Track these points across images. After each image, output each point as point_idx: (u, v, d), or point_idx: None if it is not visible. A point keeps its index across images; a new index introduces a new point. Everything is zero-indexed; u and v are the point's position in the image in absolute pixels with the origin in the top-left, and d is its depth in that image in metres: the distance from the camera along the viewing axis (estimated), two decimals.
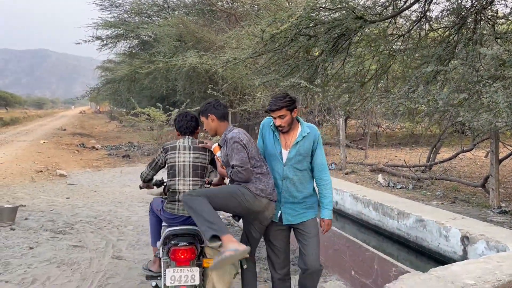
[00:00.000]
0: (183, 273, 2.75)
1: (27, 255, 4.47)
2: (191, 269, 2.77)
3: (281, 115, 2.90)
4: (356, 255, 3.68)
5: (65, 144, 16.97)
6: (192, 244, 2.86)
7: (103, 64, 36.89)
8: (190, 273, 2.76)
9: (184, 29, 17.12)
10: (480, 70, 5.73)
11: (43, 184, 8.71)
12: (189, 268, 2.77)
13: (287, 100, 2.95)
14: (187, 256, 2.80)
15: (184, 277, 2.75)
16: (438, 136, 12.40)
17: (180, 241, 2.86)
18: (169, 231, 2.90)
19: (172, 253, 2.80)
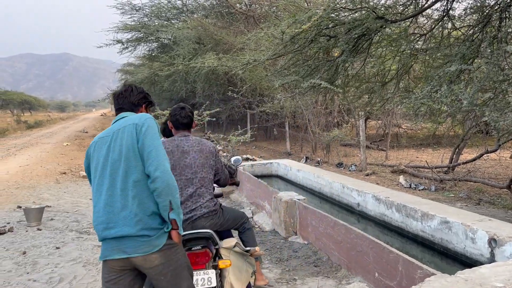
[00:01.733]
0: (200, 276, 2.73)
1: (54, 255, 4.57)
2: (207, 271, 2.75)
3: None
4: (379, 257, 3.64)
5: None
6: (206, 247, 2.82)
7: (123, 67, 37.52)
8: (207, 275, 2.74)
9: (203, 32, 17.28)
10: (506, 69, 5.63)
11: (67, 186, 8.88)
12: (205, 271, 2.75)
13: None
14: (202, 259, 2.77)
15: (201, 280, 2.73)
16: (461, 137, 12.17)
17: (193, 245, 2.80)
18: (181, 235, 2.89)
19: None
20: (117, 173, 2.14)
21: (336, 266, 4.47)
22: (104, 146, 2.22)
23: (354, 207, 5.78)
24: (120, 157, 2.14)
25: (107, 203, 2.12)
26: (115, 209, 2.11)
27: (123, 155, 2.14)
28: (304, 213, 5.28)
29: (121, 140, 2.16)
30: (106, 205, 2.12)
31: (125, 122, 2.21)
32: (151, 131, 2.17)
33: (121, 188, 2.12)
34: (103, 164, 2.18)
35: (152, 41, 21.09)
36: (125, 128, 2.18)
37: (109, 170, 2.15)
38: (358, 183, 6.19)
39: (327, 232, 4.66)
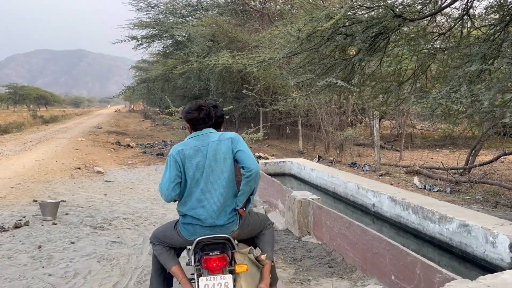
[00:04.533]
0: (217, 281, 2.71)
1: (68, 249, 4.60)
2: (224, 276, 2.73)
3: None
4: (396, 260, 3.58)
5: (101, 142, 17.40)
6: (224, 252, 2.79)
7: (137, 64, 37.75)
8: (224, 280, 2.72)
9: (217, 29, 17.27)
10: None
11: (82, 181, 8.94)
12: (222, 275, 2.73)
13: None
14: (219, 264, 2.74)
15: (218, 285, 2.71)
16: (478, 138, 11.97)
17: (211, 250, 2.78)
18: (199, 239, 2.80)
19: (204, 262, 2.74)
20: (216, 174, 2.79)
21: (351, 267, 4.41)
22: (197, 155, 2.78)
23: (369, 208, 5.71)
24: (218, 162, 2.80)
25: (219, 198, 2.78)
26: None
27: (222, 159, 2.80)
28: (318, 213, 5.23)
29: (219, 149, 2.80)
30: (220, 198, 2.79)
31: (219, 136, 2.85)
32: (242, 141, 2.90)
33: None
34: (204, 171, 2.77)
35: (167, 38, 21.14)
36: (221, 142, 2.82)
37: (212, 173, 2.77)
38: (374, 183, 6.12)
39: (342, 232, 4.61)
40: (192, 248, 2.81)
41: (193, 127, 2.89)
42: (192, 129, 2.91)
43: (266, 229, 3.20)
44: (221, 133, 2.88)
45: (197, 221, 2.77)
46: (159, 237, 3.03)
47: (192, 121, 2.86)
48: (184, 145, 2.82)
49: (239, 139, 2.90)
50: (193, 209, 2.76)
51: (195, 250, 2.83)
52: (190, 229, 2.81)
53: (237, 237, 2.96)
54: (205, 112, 2.85)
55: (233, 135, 2.88)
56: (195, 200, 2.76)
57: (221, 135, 2.85)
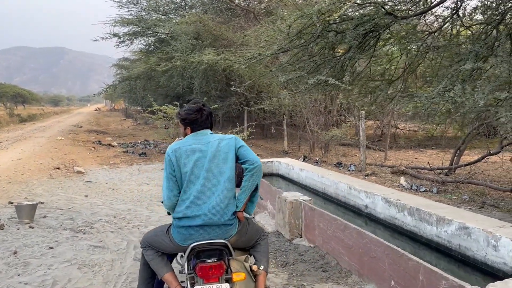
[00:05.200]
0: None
1: (47, 255, 4.30)
2: (220, 285, 2.55)
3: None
4: (396, 264, 3.42)
5: (82, 141, 16.95)
6: (221, 259, 2.61)
7: (119, 62, 37.14)
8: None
9: (201, 27, 16.97)
10: None
11: (61, 181, 8.59)
12: (218, 284, 2.56)
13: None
14: (216, 272, 2.57)
15: None
16: (463, 138, 12.01)
17: (207, 256, 2.59)
18: (194, 245, 2.60)
19: (199, 270, 2.55)
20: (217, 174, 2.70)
21: (346, 271, 4.24)
22: (196, 153, 2.70)
23: (362, 209, 5.56)
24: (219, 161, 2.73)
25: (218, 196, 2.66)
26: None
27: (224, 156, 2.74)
28: (310, 214, 5.04)
29: (220, 147, 2.74)
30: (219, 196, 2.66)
31: (221, 137, 2.82)
32: (242, 141, 2.88)
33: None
34: (204, 168, 2.68)
35: (150, 35, 20.77)
36: (222, 141, 2.77)
37: (213, 172, 2.68)
38: (366, 184, 5.97)
39: (336, 235, 4.43)
40: (186, 255, 2.61)
41: (192, 129, 2.82)
42: (191, 131, 2.83)
43: (261, 240, 3.03)
44: (221, 134, 2.88)
45: (194, 221, 2.59)
46: (150, 241, 2.85)
47: (193, 123, 2.81)
48: (182, 143, 2.75)
49: (239, 139, 2.90)
50: (192, 207, 2.60)
51: (189, 256, 2.63)
52: (185, 232, 2.63)
53: (233, 244, 2.73)
54: (206, 114, 2.85)
55: (233, 135, 2.88)
56: (194, 197, 2.62)
57: (221, 135, 2.85)
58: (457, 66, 5.77)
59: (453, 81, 5.67)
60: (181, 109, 2.94)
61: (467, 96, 5.07)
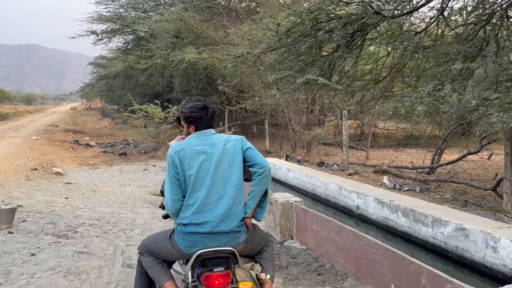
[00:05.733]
0: None
1: (29, 263, 4.07)
2: None
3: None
4: (397, 267, 3.34)
5: (58, 141, 16.47)
6: (229, 268, 2.47)
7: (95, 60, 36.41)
8: None
9: (182, 25, 16.71)
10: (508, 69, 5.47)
11: (39, 183, 8.26)
12: None
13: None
14: (223, 281, 2.42)
15: None
16: (444, 138, 12.15)
17: (215, 265, 2.44)
18: (200, 253, 2.46)
19: (205, 279, 2.41)
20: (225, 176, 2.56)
21: (342, 274, 4.16)
22: (201, 155, 2.54)
23: (353, 210, 5.49)
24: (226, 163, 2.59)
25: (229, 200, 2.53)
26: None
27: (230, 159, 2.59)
28: (302, 216, 4.95)
29: (226, 149, 2.60)
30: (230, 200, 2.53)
31: (227, 137, 2.68)
32: (249, 143, 2.73)
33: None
34: (210, 172, 2.52)
35: (128, 33, 20.36)
36: (228, 142, 2.63)
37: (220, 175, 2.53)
38: (357, 184, 5.91)
39: (331, 237, 4.35)
40: (190, 263, 2.47)
41: (196, 127, 2.68)
42: (196, 129, 2.69)
43: (267, 246, 2.87)
44: (226, 135, 2.73)
45: (201, 228, 2.45)
46: (150, 247, 2.69)
47: (197, 121, 2.67)
48: (185, 144, 2.59)
49: (246, 140, 2.75)
50: (198, 213, 2.46)
51: (193, 264, 2.48)
52: (191, 239, 2.47)
53: (240, 252, 2.60)
54: (211, 112, 2.74)
55: (239, 136, 2.75)
56: (201, 203, 2.46)
57: (226, 135, 2.71)
58: (446, 66, 5.77)
59: (443, 80, 5.66)
60: (184, 107, 2.80)
61: (458, 96, 5.06)
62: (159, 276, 2.63)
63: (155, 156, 12.91)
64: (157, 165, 11.23)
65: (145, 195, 7.63)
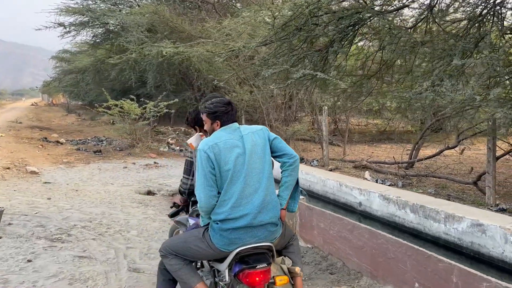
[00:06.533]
0: None
1: (27, 270, 3.77)
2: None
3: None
4: (422, 266, 3.28)
5: (26, 138, 15.71)
6: (270, 264, 2.41)
7: (58, 54, 34.95)
8: None
9: (157, 18, 16.26)
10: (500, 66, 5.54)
11: (16, 183, 7.79)
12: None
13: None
14: (264, 278, 2.37)
15: None
16: (422, 133, 12.37)
17: (257, 261, 2.38)
18: (241, 250, 2.41)
19: (246, 276, 2.35)
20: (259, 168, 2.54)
21: (355, 273, 4.08)
22: (235, 149, 2.51)
23: (355, 207, 5.44)
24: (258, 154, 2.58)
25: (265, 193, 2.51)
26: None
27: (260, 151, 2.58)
28: (307, 214, 4.84)
29: (254, 141, 2.58)
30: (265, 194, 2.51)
31: (252, 128, 2.69)
32: (272, 133, 2.73)
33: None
34: (245, 165, 2.50)
35: (98, 26, 19.64)
36: (254, 134, 2.62)
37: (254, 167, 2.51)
38: (356, 180, 5.86)
39: (342, 236, 4.26)
40: (228, 261, 2.44)
41: (222, 122, 2.65)
42: (221, 125, 2.65)
43: (293, 240, 2.84)
44: (249, 126, 2.73)
45: (239, 222, 2.42)
46: (177, 249, 2.61)
47: (223, 116, 2.65)
48: (216, 138, 2.55)
49: (268, 130, 2.76)
50: (236, 207, 2.43)
51: (230, 262, 2.44)
52: (230, 236, 2.43)
53: (275, 247, 2.56)
54: (234, 107, 2.74)
55: (262, 126, 2.75)
56: (238, 197, 2.44)
57: (250, 127, 2.71)
58: (443, 62, 5.80)
59: (441, 76, 5.68)
60: (206, 103, 2.74)
61: (460, 91, 5.08)
62: (189, 278, 2.56)
63: (132, 154, 12.51)
64: (136, 162, 10.87)
65: (132, 194, 7.33)
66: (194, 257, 2.62)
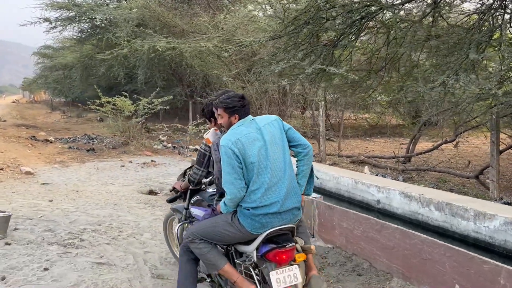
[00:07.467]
0: (286, 273, 2.64)
1: (45, 279, 3.54)
2: (291, 268, 2.67)
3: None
4: (464, 267, 3.18)
5: (13, 137, 15.26)
6: (295, 243, 2.73)
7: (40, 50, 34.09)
8: (292, 271, 2.66)
9: (147, 13, 15.92)
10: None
11: (13, 184, 7.48)
12: (289, 267, 2.67)
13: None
14: (290, 255, 2.67)
15: (288, 277, 2.64)
16: (419, 127, 12.38)
17: (285, 241, 2.67)
18: (270, 231, 2.67)
19: (276, 255, 2.63)
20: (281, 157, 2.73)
21: (385, 274, 3.97)
22: (256, 142, 2.67)
23: (373, 205, 5.33)
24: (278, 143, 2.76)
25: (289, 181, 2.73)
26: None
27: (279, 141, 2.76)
28: (327, 213, 4.71)
29: (272, 132, 2.74)
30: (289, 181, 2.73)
31: (267, 119, 2.81)
32: (285, 123, 2.90)
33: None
34: (268, 156, 2.67)
35: (84, 21, 19.15)
36: (270, 125, 2.77)
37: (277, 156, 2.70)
38: (372, 178, 5.75)
39: (368, 236, 4.14)
40: (258, 242, 2.68)
41: (239, 116, 2.80)
42: (239, 118, 2.80)
43: (301, 221, 3.08)
44: (263, 117, 2.88)
45: (270, 208, 2.64)
46: (205, 234, 2.81)
47: (240, 110, 2.79)
48: (237, 134, 2.70)
49: (281, 120, 2.91)
50: (266, 195, 2.64)
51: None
52: (262, 220, 2.65)
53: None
54: (247, 100, 2.88)
55: (275, 116, 2.90)
56: (267, 187, 2.64)
57: (264, 118, 2.85)
58: (458, 55, 5.71)
59: (456, 70, 5.59)
60: (221, 98, 2.86)
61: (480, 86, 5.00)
62: (217, 260, 2.77)
63: (127, 152, 12.22)
64: (133, 161, 10.60)
65: (135, 194, 7.12)
66: (222, 241, 2.80)
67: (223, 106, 2.79)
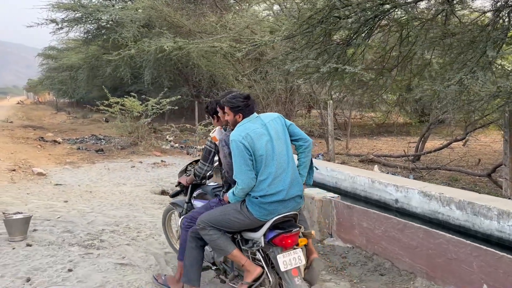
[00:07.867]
0: (291, 256, 2.86)
1: (70, 280, 3.55)
2: (296, 251, 2.90)
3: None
4: (492, 267, 3.16)
5: (21, 138, 15.32)
6: (299, 228, 2.95)
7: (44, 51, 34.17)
8: (297, 254, 2.89)
9: (154, 13, 15.92)
10: None
11: (27, 186, 7.50)
12: (294, 250, 2.89)
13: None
14: (295, 239, 2.89)
15: (293, 259, 2.86)
16: (428, 125, 12.33)
17: (291, 226, 2.92)
18: (277, 218, 2.91)
19: (282, 239, 2.85)
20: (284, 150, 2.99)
21: (407, 274, 3.95)
22: (263, 136, 2.92)
23: (390, 204, 5.31)
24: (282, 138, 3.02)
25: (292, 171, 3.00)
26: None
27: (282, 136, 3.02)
28: (346, 213, 4.70)
29: (276, 128, 3.00)
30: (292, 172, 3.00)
31: (270, 116, 3.09)
32: (286, 119, 3.16)
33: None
34: (274, 149, 2.92)
35: (91, 22, 19.18)
36: (272, 121, 3.03)
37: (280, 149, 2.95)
38: (389, 177, 5.74)
39: (390, 235, 4.12)
40: (266, 227, 2.89)
41: (244, 115, 3.01)
42: (243, 117, 3.01)
43: (301, 210, 3.26)
44: (267, 114, 3.14)
45: (276, 196, 2.87)
46: (216, 221, 2.99)
47: (245, 109, 3.00)
48: (246, 129, 2.93)
49: (282, 117, 3.16)
50: (272, 185, 2.87)
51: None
52: (269, 208, 2.88)
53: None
54: (252, 100, 3.10)
55: (277, 114, 3.17)
56: (273, 177, 2.87)
57: (268, 115, 3.12)
58: (475, 53, 5.68)
59: (472, 68, 5.56)
60: (226, 97, 3.05)
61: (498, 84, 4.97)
62: (227, 245, 2.96)
63: (136, 152, 12.23)
64: (143, 161, 10.61)
65: (148, 195, 7.12)
66: (231, 228, 2.99)
67: (229, 106, 3.02)
